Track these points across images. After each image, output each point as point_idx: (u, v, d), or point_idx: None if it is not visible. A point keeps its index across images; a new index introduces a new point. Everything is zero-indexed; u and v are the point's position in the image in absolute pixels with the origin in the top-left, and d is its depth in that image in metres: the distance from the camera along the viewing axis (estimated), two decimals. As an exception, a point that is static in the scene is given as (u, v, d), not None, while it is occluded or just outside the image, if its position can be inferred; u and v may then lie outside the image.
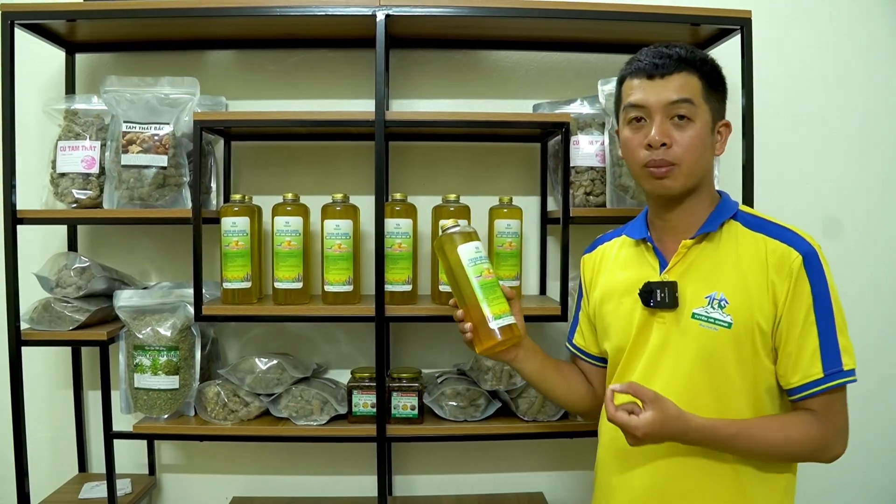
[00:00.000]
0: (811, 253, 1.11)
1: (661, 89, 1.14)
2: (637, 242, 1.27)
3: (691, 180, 1.16)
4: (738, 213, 1.20)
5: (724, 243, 1.17)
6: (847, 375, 1.10)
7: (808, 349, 1.10)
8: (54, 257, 1.71)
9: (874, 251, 2.01)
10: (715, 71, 1.19)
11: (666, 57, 1.15)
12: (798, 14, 1.97)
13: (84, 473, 1.88)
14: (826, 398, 1.11)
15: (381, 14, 1.58)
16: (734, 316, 1.12)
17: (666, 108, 1.14)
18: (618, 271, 1.29)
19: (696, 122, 1.14)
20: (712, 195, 1.23)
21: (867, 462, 2.01)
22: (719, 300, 1.13)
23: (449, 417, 1.67)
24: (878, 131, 1.99)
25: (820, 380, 1.09)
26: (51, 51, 1.81)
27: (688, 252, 1.18)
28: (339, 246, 1.63)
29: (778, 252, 1.12)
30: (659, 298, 1.16)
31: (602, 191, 1.72)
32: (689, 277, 1.17)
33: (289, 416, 1.67)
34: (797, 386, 1.11)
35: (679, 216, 1.20)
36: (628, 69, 1.21)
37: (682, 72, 1.14)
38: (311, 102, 1.89)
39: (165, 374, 1.66)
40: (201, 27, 1.75)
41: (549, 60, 1.93)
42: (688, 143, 1.14)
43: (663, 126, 1.14)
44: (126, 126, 1.64)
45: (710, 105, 1.16)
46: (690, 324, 1.15)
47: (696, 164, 1.15)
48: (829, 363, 1.09)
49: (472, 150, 1.91)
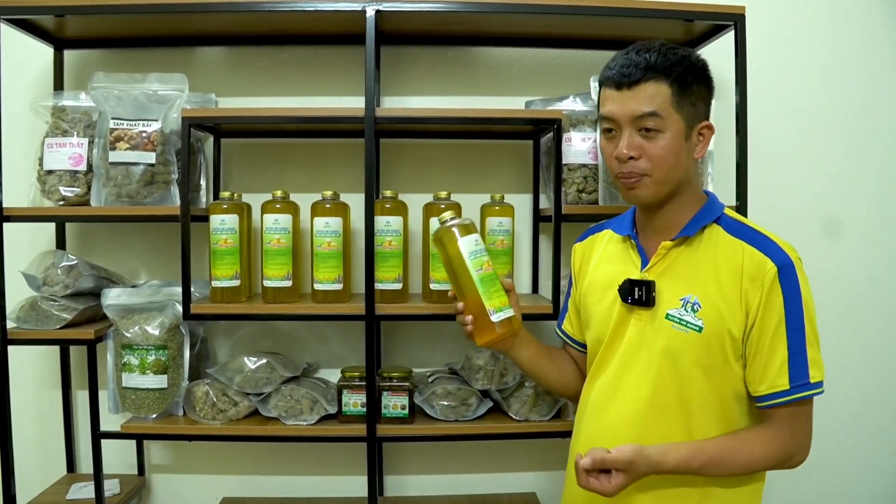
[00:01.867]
0: (787, 264, 1.11)
1: (627, 101, 1.13)
2: (623, 239, 1.28)
3: (664, 188, 1.16)
4: (721, 216, 1.19)
5: (704, 247, 1.17)
6: (813, 388, 1.11)
7: (776, 360, 1.11)
8: (41, 255, 1.69)
9: (871, 249, 2.00)
10: (691, 72, 1.14)
11: (633, 66, 1.13)
12: (794, 10, 1.96)
13: (72, 474, 1.86)
14: (790, 409, 1.12)
15: (371, 10, 1.57)
16: (705, 320, 1.12)
17: (633, 120, 1.13)
18: (604, 265, 1.30)
19: (665, 132, 1.12)
20: (697, 196, 1.22)
21: (868, 462, 2.00)
22: (692, 304, 1.14)
23: (440, 417, 1.66)
24: (875, 128, 1.98)
25: (785, 391, 1.10)
26: (39, 47, 1.79)
27: (667, 253, 1.19)
28: (328, 244, 1.61)
29: (754, 261, 1.12)
30: (636, 296, 1.18)
31: (594, 188, 1.70)
32: (666, 278, 1.18)
33: (278, 415, 1.66)
34: (763, 395, 1.13)
35: (662, 218, 1.21)
36: (602, 76, 1.20)
37: (650, 81, 1.12)
38: (301, 99, 1.87)
39: (154, 374, 1.64)
40: (190, 23, 1.73)
41: (542, 57, 1.92)
42: (656, 154, 1.13)
43: (631, 139, 1.14)
44: (114, 123, 1.62)
45: (684, 111, 1.14)
46: (664, 324, 1.16)
47: (668, 173, 1.14)
48: (795, 376, 1.10)
49: (464, 148, 1.90)
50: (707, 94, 1.19)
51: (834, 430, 1.97)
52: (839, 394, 1.96)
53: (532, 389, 1.67)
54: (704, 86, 1.18)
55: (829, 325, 1.89)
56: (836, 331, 1.94)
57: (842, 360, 1.92)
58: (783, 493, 1.90)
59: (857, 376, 2.00)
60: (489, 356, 1.66)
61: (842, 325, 1.96)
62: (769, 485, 1.21)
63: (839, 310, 1.96)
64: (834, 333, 1.91)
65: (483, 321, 1.26)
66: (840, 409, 1.96)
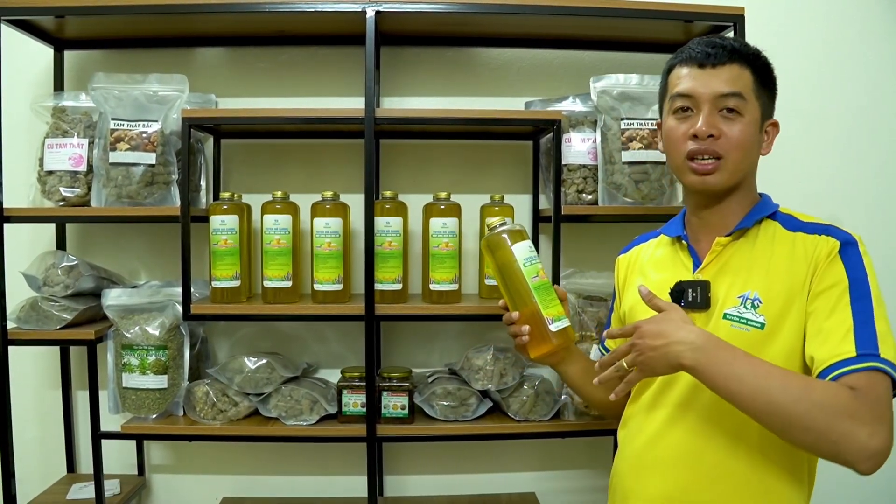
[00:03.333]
0: (850, 241, 1.05)
1: (711, 79, 1.10)
2: (672, 241, 1.24)
3: (735, 177, 1.12)
4: (777, 213, 1.15)
5: (761, 242, 1.12)
6: (886, 363, 0.94)
7: (840, 329, 0.99)
8: (42, 256, 1.69)
9: (870, 249, 1.99)
10: (767, 67, 1.15)
11: (719, 47, 1.11)
12: (793, 10, 1.96)
13: (72, 474, 1.87)
14: (862, 378, 0.94)
15: (371, 10, 1.57)
16: (767, 316, 1.06)
17: (715, 99, 1.10)
18: (651, 272, 1.25)
19: (745, 116, 1.10)
20: (753, 196, 1.18)
21: None
22: (752, 300, 1.08)
23: (440, 417, 1.66)
24: (873, 129, 1.98)
25: (851, 359, 0.95)
26: (39, 48, 1.79)
27: (723, 250, 1.14)
28: (328, 244, 1.62)
29: (815, 243, 1.07)
30: (690, 298, 1.12)
31: (594, 188, 1.71)
32: (722, 276, 1.12)
33: (278, 415, 1.66)
34: (825, 367, 0.97)
35: (717, 215, 1.16)
36: (678, 58, 1.16)
37: (735, 63, 1.10)
38: (301, 100, 1.87)
39: (154, 374, 1.64)
40: (191, 24, 1.73)
41: (542, 58, 1.92)
42: (736, 136, 1.09)
43: (711, 117, 1.10)
44: (114, 123, 1.62)
45: (761, 101, 1.12)
46: (721, 324, 1.09)
47: (742, 160, 1.11)
48: (862, 343, 0.96)
49: (463, 148, 1.90)
50: (774, 94, 1.18)
51: None
52: None
53: (531, 389, 1.67)
54: (773, 85, 1.17)
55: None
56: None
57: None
58: None
59: None
60: (489, 356, 1.66)
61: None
62: None
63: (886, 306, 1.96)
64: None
65: (539, 332, 1.21)
66: None
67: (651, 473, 1.15)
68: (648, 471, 1.15)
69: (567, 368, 1.32)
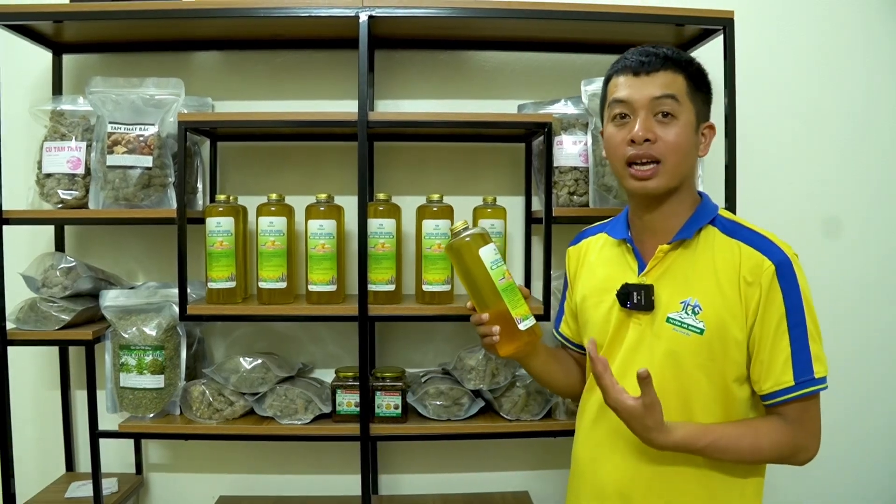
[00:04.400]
0: (784, 262, 1.11)
1: (646, 85, 1.15)
2: (618, 242, 1.28)
3: (674, 180, 1.16)
4: (716, 217, 1.20)
5: (701, 249, 1.17)
6: (818, 383, 1.11)
7: (779, 357, 1.11)
8: (40, 257, 1.72)
9: (863, 251, 2.01)
10: (700, 72, 1.20)
11: (652, 55, 1.16)
12: (783, 13, 1.97)
13: (71, 473, 1.89)
14: (798, 405, 1.12)
15: (364, 15, 1.59)
16: (706, 322, 1.13)
17: (650, 103, 1.14)
18: (599, 269, 1.30)
19: (679, 119, 1.14)
20: (693, 197, 1.22)
21: (867, 461, 2.03)
22: (693, 306, 1.14)
23: (432, 416, 1.68)
24: (865, 130, 2.00)
25: (791, 388, 1.11)
26: (38, 51, 1.82)
27: (665, 257, 1.19)
28: (322, 246, 1.64)
29: (752, 260, 1.12)
30: (635, 300, 1.18)
31: (585, 190, 1.73)
32: (665, 282, 1.18)
33: (273, 415, 1.68)
34: (769, 393, 1.13)
35: (658, 218, 1.21)
36: (614, 68, 1.22)
37: (668, 70, 1.15)
38: (297, 103, 1.89)
39: (151, 374, 1.66)
40: (187, 28, 1.75)
41: (534, 61, 1.94)
42: (672, 140, 1.14)
43: (647, 122, 1.14)
44: (111, 127, 1.65)
45: (695, 104, 1.17)
46: (664, 327, 1.16)
47: (680, 162, 1.15)
48: (800, 371, 1.10)
49: (457, 150, 1.92)
50: (709, 97, 1.23)
51: (833, 429, 1.98)
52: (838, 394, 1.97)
53: (523, 389, 1.69)
54: (707, 89, 1.22)
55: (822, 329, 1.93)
56: (829, 335, 1.97)
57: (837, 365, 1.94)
58: (782, 493, 1.93)
59: (856, 376, 2.01)
60: (481, 356, 1.68)
61: (834, 329, 1.97)
62: (769, 486, 1.22)
63: (831, 313, 1.98)
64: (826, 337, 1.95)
65: (509, 331, 1.26)
66: (839, 408, 1.98)
67: (603, 452, 1.23)
68: (601, 449, 1.23)
69: (531, 360, 1.37)
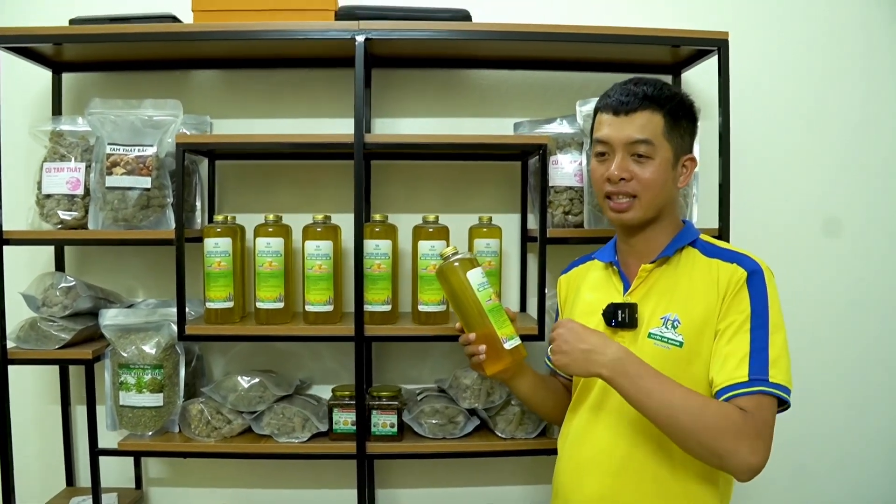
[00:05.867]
0: (757, 271, 1.17)
1: (624, 126, 1.22)
2: (606, 266, 1.35)
3: (650, 212, 1.24)
4: (697, 240, 1.28)
5: (682, 268, 1.25)
6: (773, 387, 1.09)
7: (737, 354, 1.12)
8: (40, 277, 1.73)
9: (856, 268, 2.02)
10: (681, 106, 1.25)
11: (632, 95, 1.23)
12: (777, 34, 1.98)
13: (72, 488, 1.91)
14: (749, 400, 1.09)
15: (361, 38, 1.60)
16: (685, 335, 1.18)
17: (627, 145, 1.22)
18: (588, 293, 1.36)
19: (655, 159, 1.22)
20: (675, 223, 1.30)
21: (867, 462, 2.03)
22: (672, 320, 1.20)
23: (428, 435, 1.70)
24: (859, 148, 2.00)
25: (743, 383, 1.10)
26: (37, 70, 1.83)
27: (648, 276, 1.26)
28: (319, 266, 1.65)
29: (728, 271, 1.19)
30: (620, 318, 1.24)
31: (580, 210, 1.74)
32: (648, 299, 1.25)
33: (271, 433, 1.70)
34: (722, 387, 1.12)
35: (641, 242, 1.29)
36: (600, 103, 1.29)
37: (646, 110, 1.21)
38: (295, 121, 1.91)
39: (150, 392, 1.68)
40: (186, 48, 1.76)
41: (531, 79, 1.95)
42: (647, 178, 1.22)
43: (623, 162, 1.23)
44: (110, 148, 1.66)
45: (673, 142, 1.23)
46: (646, 342, 1.21)
47: (655, 198, 1.23)
48: (755, 369, 1.10)
49: (454, 168, 1.93)
50: (692, 129, 1.30)
51: (833, 428, 2.01)
52: (838, 394, 2.02)
53: (518, 408, 1.70)
54: (691, 122, 1.28)
55: (809, 347, 1.94)
56: (821, 350, 1.98)
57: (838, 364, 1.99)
58: (782, 493, 1.95)
59: (858, 377, 2.03)
60: (476, 375, 1.69)
61: (822, 347, 2.00)
62: (769, 486, 1.23)
63: (823, 328, 2.00)
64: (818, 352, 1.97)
65: (495, 350, 1.32)
66: (840, 408, 2.01)
67: (584, 474, 1.25)
68: (582, 471, 1.26)
69: (517, 382, 1.42)
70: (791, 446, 1.83)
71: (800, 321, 1.92)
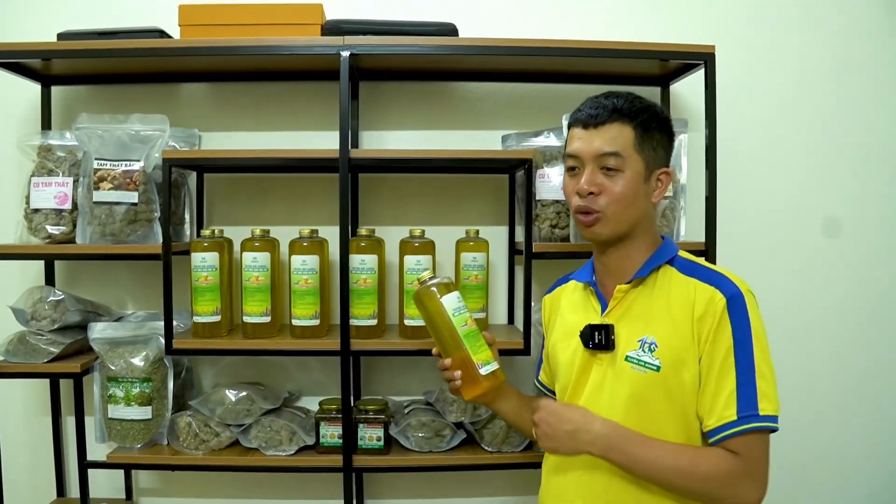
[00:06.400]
0: (737, 296, 1.14)
1: (593, 139, 1.20)
2: (584, 286, 1.33)
3: (620, 227, 1.21)
4: (675, 258, 1.24)
5: (658, 288, 1.21)
6: (763, 420, 1.09)
7: (724, 391, 1.11)
8: (29, 290, 1.74)
9: (845, 279, 2.02)
10: (654, 119, 1.22)
11: (601, 108, 1.21)
12: (763, 48, 1.98)
13: (62, 498, 1.92)
14: (741, 441, 1.10)
15: (346, 53, 1.60)
16: (662, 359, 1.16)
17: (596, 158, 1.20)
18: (568, 314, 1.35)
19: (625, 172, 1.19)
20: (652, 240, 1.27)
21: (866, 463, 2.03)
22: (650, 344, 1.17)
23: (415, 448, 1.71)
24: (845, 160, 2.00)
25: (733, 422, 1.10)
26: (26, 84, 1.84)
27: (624, 297, 1.23)
28: (305, 281, 1.66)
29: (705, 295, 1.15)
30: (597, 340, 1.22)
31: (567, 223, 1.74)
32: (625, 321, 1.22)
33: (258, 446, 1.71)
34: (712, 428, 1.12)
35: (615, 260, 1.26)
36: (571, 118, 1.27)
37: (616, 122, 1.19)
38: (283, 134, 1.91)
39: (138, 405, 1.69)
40: (174, 62, 1.77)
41: (519, 91, 1.95)
42: (616, 192, 1.19)
43: (593, 175, 1.20)
44: (97, 163, 1.67)
45: (644, 155, 1.20)
46: (624, 366, 1.19)
47: (623, 212, 1.20)
48: (743, 406, 1.09)
49: (441, 181, 1.93)
50: (667, 142, 1.26)
51: (833, 428, 2.01)
52: (839, 394, 2.02)
53: (504, 422, 1.71)
54: (665, 134, 1.25)
55: (801, 355, 1.94)
56: (813, 358, 1.99)
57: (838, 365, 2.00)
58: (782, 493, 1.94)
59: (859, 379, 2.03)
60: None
61: (813, 356, 2.00)
62: None
63: (813, 337, 2.00)
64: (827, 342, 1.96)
65: (470, 376, 1.30)
66: (840, 408, 2.02)
67: (567, 501, 1.24)
68: (565, 498, 1.25)
69: (500, 406, 1.40)
70: (791, 446, 1.83)
71: (788, 331, 1.94)
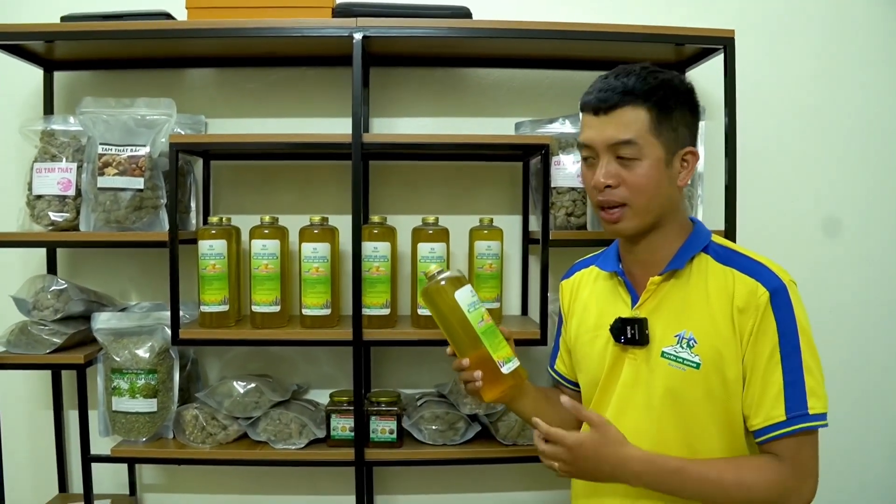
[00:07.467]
0: (780, 289, 1.06)
1: (605, 127, 1.09)
2: (609, 275, 1.24)
3: (647, 219, 1.12)
4: (709, 245, 1.15)
5: (694, 279, 1.13)
6: (812, 420, 1.04)
7: (771, 390, 1.05)
8: (31, 279, 1.70)
9: (865, 268, 1.99)
10: (672, 97, 1.10)
11: (610, 90, 1.09)
12: (783, 31, 1.95)
13: (64, 494, 1.87)
14: (791, 442, 1.05)
15: (358, 35, 1.56)
16: (702, 356, 1.09)
17: (609, 148, 1.10)
18: (593, 303, 1.26)
19: (643, 160, 1.09)
20: (681, 225, 1.17)
21: (868, 464, 2.01)
22: (688, 339, 1.10)
23: (428, 441, 1.66)
24: (866, 147, 1.97)
25: (782, 423, 1.04)
26: (29, 69, 1.79)
27: (657, 289, 1.15)
28: (316, 269, 1.61)
29: (746, 288, 1.08)
30: (629, 335, 1.14)
31: (583, 211, 1.70)
32: (659, 314, 1.14)
33: (267, 439, 1.66)
34: (759, 428, 1.07)
35: (646, 250, 1.17)
36: (581, 101, 1.16)
37: (627, 106, 1.08)
38: (291, 121, 1.87)
39: (143, 398, 1.65)
40: (180, 46, 1.73)
41: (532, 78, 1.91)
42: (637, 182, 1.09)
43: (609, 167, 1.10)
44: (102, 148, 1.62)
45: (663, 137, 1.09)
46: (660, 362, 1.12)
47: (648, 202, 1.11)
48: (792, 406, 1.04)
49: (453, 169, 1.90)
50: (691, 119, 1.14)
51: (834, 427, 1.96)
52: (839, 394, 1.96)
53: (519, 414, 1.67)
54: (688, 110, 1.13)
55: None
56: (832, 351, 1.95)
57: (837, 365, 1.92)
58: None
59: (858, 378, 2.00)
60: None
61: (832, 349, 1.96)
62: None
63: (830, 329, 1.96)
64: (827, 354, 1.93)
65: (492, 375, 1.20)
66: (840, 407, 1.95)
67: (603, 496, 1.18)
68: (601, 493, 1.18)
69: (518, 404, 1.31)
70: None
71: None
